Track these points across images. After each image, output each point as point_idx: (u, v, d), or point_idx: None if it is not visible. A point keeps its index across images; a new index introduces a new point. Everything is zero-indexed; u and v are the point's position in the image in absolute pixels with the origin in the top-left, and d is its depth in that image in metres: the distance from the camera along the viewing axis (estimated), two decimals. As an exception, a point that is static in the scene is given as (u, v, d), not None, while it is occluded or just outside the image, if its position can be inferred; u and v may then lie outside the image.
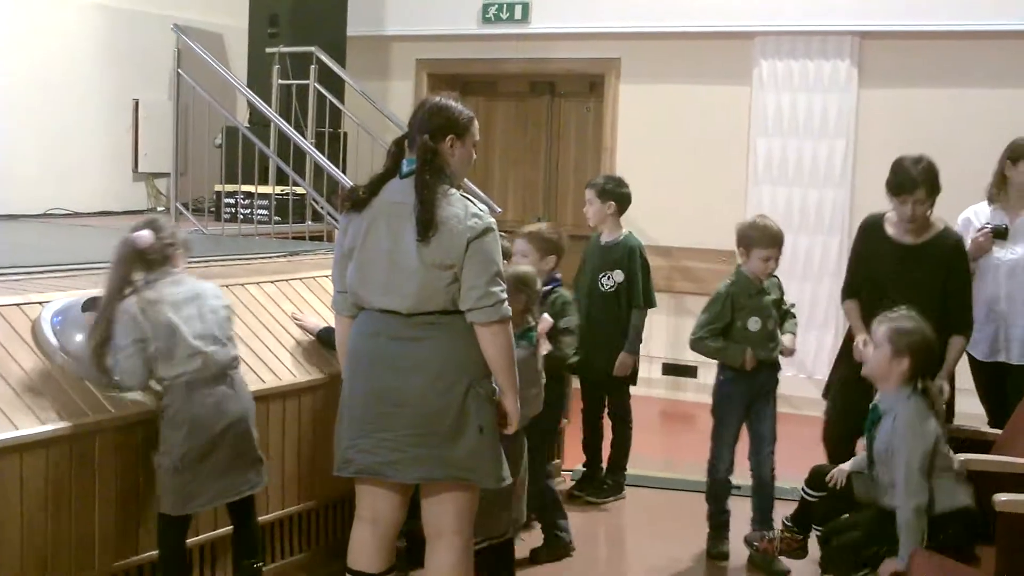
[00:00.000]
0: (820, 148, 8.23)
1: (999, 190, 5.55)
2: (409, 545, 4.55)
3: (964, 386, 5.38)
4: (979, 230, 5.43)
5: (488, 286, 3.60)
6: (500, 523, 4.38)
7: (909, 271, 4.91)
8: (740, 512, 5.29)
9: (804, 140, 8.28)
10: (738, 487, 5.34)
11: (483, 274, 3.60)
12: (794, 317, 5.30)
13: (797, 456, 5.14)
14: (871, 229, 5.12)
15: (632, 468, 6.25)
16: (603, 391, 6.15)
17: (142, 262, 3.95)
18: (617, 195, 6.05)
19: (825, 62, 8.21)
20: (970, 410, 5.48)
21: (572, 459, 6.32)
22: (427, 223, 3.57)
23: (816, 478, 4.56)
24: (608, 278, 5.99)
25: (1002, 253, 5.43)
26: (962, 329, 4.95)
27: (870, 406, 4.32)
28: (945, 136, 7.78)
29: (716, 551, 5.25)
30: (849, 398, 4.93)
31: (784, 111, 8.32)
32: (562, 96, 9.56)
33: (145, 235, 3.96)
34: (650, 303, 6.10)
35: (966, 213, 5.61)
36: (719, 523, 5.28)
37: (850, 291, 5.17)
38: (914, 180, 4.86)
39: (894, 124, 7.99)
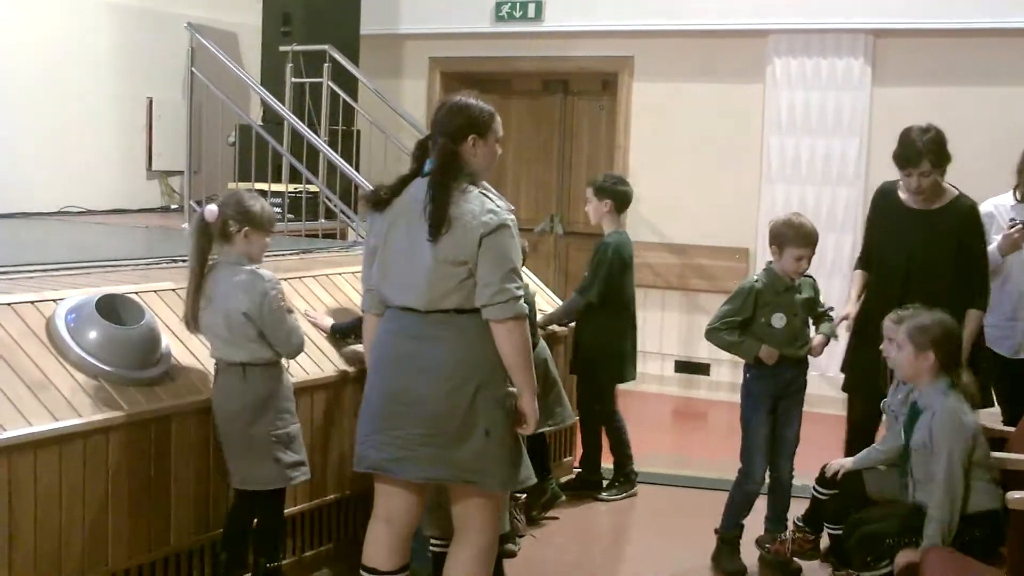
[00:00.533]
0: (833, 146, 8.21)
1: None
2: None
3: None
4: (1011, 225, 5.30)
5: (503, 282, 3.58)
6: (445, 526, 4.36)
7: (924, 237, 4.91)
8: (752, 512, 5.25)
9: (817, 138, 8.26)
10: None
11: (497, 270, 3.59)
12: (831, 320, 5.11)
13: (811, 454, 5.13)
14: (886, 196, 5.14)
15: (643, 466, 6.24)
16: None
17: (207, 236, 4.08)
18: (614, 193, 5.95)
19: (839, 60, 8.19)
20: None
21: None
22: (437, 221, 3.58)
23: (827, 476, 4.55)
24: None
25: None
26: (978, 301, 4.90)
27: (910, 404, 4.28)
28: (959, 134, 7.68)
29: (733, 568, 5.08)
30: (863, 386, 4.97)
31: (797, 109, 8.31)
32: (575, 94, 9.56)
33: (211, 209, 4.09)
34: (591, 296, 5.88)
35: (987, 207, 5.51)
36: (733, 537, 5.13)
37: (862, 262, 5.20)
38: (919, 152, 4.87)
39: (907, 122, 7.80)
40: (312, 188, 7.44)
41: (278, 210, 7.57)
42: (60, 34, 8.05)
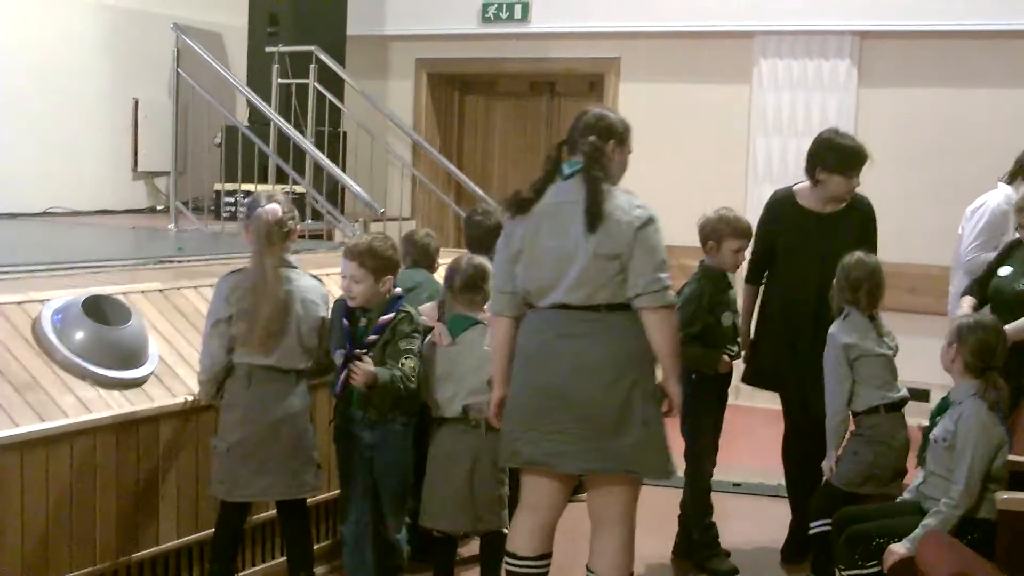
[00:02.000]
0: (820, 147, 8.21)
1: None
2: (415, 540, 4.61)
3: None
4: None
5: (655, 272, 3.72)
6: (458, 521, 4.43)
7: (826, 240, 4.98)
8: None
9: (803, 140, 8.16)
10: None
11: (650, 261, 3.72)
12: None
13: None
14: (783, 203, 5.20)
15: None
16: None
17: (269, 236, 4.04)
18: None
19: (825, 62, 8.21)
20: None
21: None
22: (596, 214, 3.71)
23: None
24: None
25: None
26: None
27: (942, 398, 4.28)
28: (944, 136, 7.80)
29: (725, 569, 5.01)
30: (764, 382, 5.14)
31: (784, 111, 8.32)
32: (562, 95, 9.56)
33: (275, 208, 4.07)
34: None
35: (983, 200, 5.65)
36: (712, 538, 5.06)
37: (753, 275, 5.25)
38: (866, 155, 5.01)
39: (893, 124, 7.99)
40: (299, 189, 7.43)
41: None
42: (46, 34, 8.01)
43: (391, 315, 4.16)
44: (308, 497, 4.25)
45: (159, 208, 8.63)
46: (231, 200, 7.73)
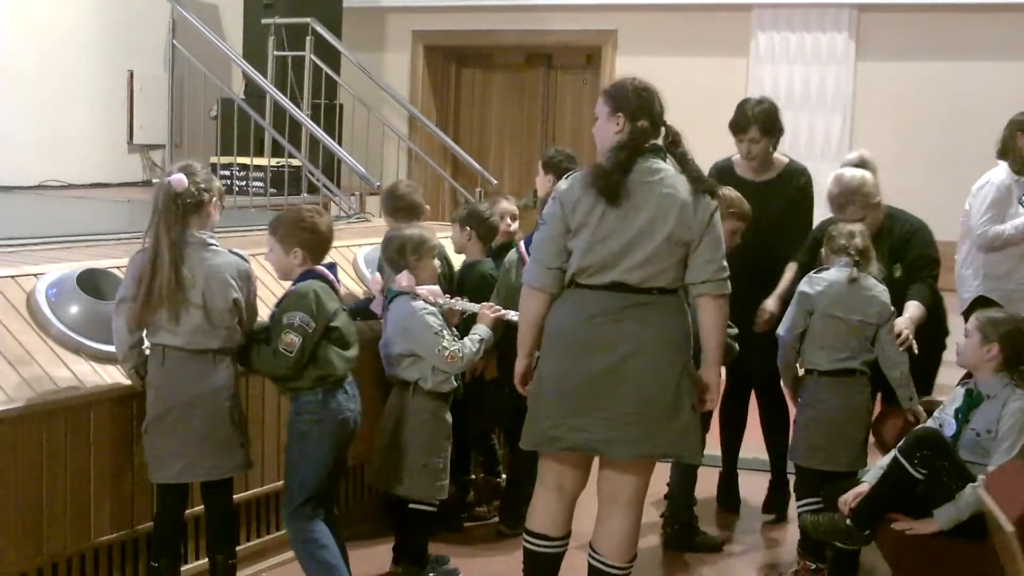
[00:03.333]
0: (817, 120, 8.22)
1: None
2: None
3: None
4: None
5: (722, 260, 3.72)
6: (440, 490, 4.54)
7: (764, 205, 5.06)
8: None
9: (801, 112, 8.25)
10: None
11: (719, 249, 3.71)
12: None
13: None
14: (723, 172, 5.29)
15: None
16: None
17: (176, 208, 3.78)
18: (559, 169, 5.34)
19: (822, 34, 8.19)
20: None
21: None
22: (710, 190, 3.74)
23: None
24: None
25: None
26: (796, 255, 5.13)
27: (964, 391, 4.23)
28: (942, 109, 7.78)
29: (712, 541, 5.06)
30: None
31: (781, 83, 8.29)
32: (558, 68, 9.54)
33: (180, 178, 3.80)
34: None
35: (1003, 178, 5.77)
36: (694, 516, 5.08)
37: None
38: (748, 120, 5.21)
39: (891, 97, 7.98)
40: (294, 162, 7.41)
41: (260, 184, 7.58)
42: (41, 6, 7.97)
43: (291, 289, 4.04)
44: (231, 477, 4.05)
45: (155, 181, 8.59)
46: (227, 173, 7.71)
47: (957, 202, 6.10)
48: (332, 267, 4.12)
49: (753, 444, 5.50)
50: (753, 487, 5.53)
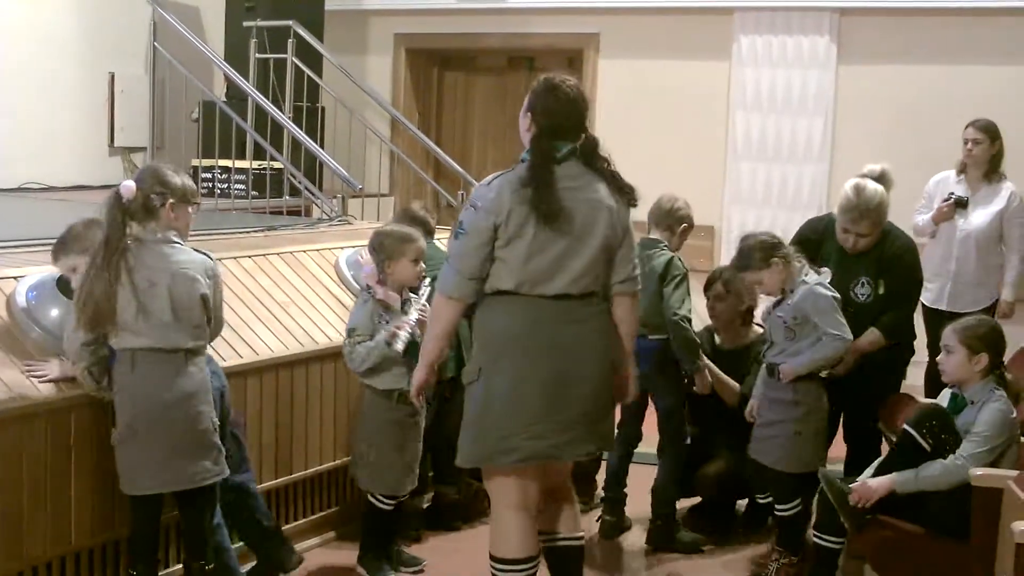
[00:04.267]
0: (799, 124, 8.23)
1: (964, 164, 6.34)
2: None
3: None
4: (944, 200, 6.27)
5: (635, 258, 3.82)
6: (412, 482, 4.62)
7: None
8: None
9: (783, 116, 8.27)
10: None
11: (634, 248, 3.81)
12: None
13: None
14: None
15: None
16: None
17: (122, 213, 3.74)
18: None
19: (804, 38, 8.20)
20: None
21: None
22: (631, 201, 3.80)
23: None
24: None
25: (961, 222, 6.27)
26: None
27: (951, 395, 4.24)
28: (923, 113, 7.81)
29: (695, 540, 5.09)
30: None
31: (763, 87, 8.31)
32: (541, 71, 9.44)
33: (129, 185, 3.78)
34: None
35: (931, 180, 6.50)
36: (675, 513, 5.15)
37: None
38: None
39: (873, 100, 8.00)
40: (276, 165, 7.40)
41: (242, 187, 7.56)
42: (21, 8, 7.94)
43: None
44: (208, 484, 3.93)
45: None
46: (208, 176, 7.69)
47: (937, 205, 6.16)
48: None
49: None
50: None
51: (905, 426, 4.10)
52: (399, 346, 4.37)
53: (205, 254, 3.94)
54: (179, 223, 3.90)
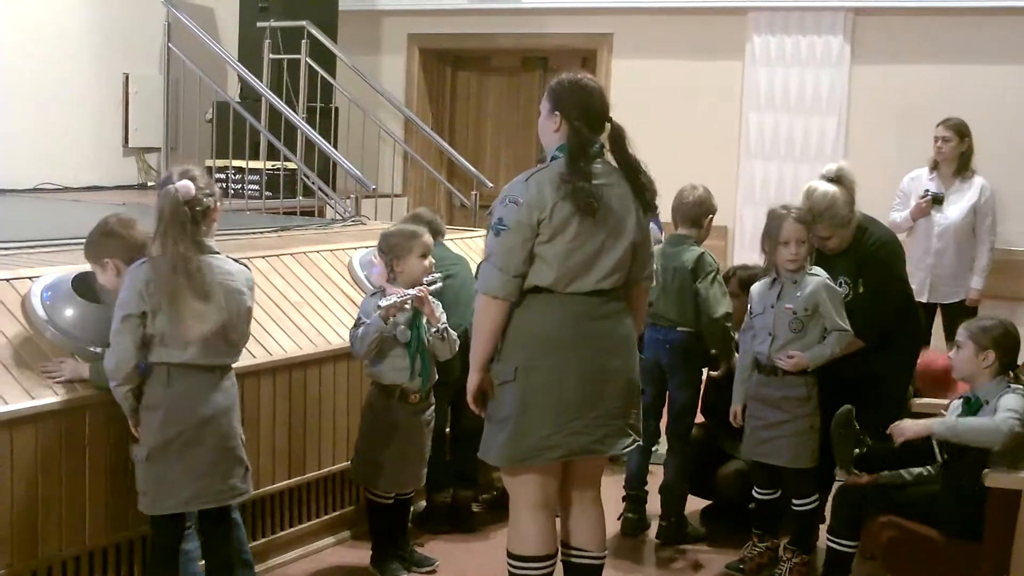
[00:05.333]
0: (812, 124, 8.22)
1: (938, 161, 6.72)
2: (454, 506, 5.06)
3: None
4: (922, 196, 6.64)
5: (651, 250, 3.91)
6: (411, 481, 4.63)
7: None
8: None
9: (796, 116, 8.26)
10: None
11: (651, 242, 3.89)
12: None
13: None
14: None
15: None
16: None
17: (186, 216, 3.59)
18: None
19: (817, 38, 8.19)
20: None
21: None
22: (652, 205, 3.83)
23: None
24: None
25: (938, 216, 6.65)
26: None
27: (963, 397, 4.23)
28: (936, 112, 7.76)
29: (699, 533, 5.14)
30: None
31: (776, 87, 8.30)
32: (554, 71, 9.48)
33: (187, 185, 3.61)
34: None
35: (905, 178, 6.88)
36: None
37: None
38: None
39: (886, 100, 7.99)
40: (290, 165, 7.41)
41: (255, 187, 7.57)
42: (35, 9, 7.97)
43: None
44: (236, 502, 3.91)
45: (150, 184, 8.59)
46: (222, 176, 7.70)
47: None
48: None
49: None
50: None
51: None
52: (400, 320, 4.36)
53: (243, 264, 3.86)
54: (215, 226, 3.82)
